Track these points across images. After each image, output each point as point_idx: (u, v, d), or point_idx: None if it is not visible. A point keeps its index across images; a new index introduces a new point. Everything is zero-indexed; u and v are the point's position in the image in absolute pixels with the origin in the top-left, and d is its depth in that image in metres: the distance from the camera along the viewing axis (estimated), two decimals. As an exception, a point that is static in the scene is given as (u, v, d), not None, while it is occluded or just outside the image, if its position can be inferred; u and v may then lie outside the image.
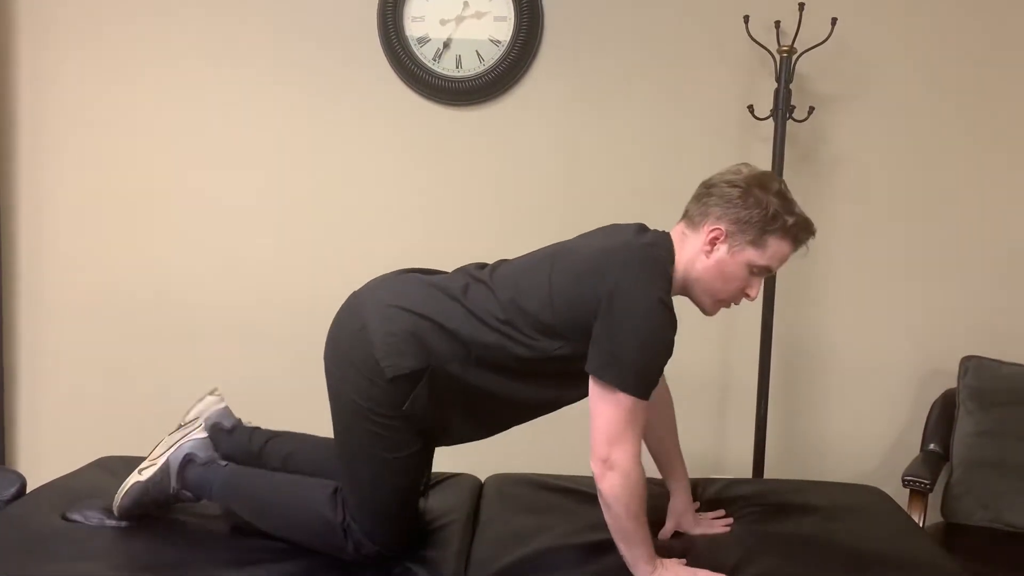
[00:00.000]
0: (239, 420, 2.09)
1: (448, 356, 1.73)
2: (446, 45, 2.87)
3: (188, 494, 1.90)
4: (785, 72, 2.62)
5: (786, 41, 2.63)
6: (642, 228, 1.85)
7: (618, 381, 1.65)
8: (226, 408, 2.09)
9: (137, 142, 2.97)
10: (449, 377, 1.74)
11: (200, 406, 2.08)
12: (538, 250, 1.89)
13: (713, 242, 1.76)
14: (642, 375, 1.67)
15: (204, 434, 1.94)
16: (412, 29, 2.85)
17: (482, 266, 1.89)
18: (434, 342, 1.73)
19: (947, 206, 2.84)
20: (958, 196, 2.84)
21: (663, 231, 1.84)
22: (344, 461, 1.80)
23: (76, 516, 1.91)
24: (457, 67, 2.87)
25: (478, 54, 2.86)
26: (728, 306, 1.81)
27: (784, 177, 2.56)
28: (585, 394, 1.76)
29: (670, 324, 1.69)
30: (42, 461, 3.04)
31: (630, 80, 2.87)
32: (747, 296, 1.79)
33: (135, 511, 1.87)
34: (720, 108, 2.85)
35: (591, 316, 1.69)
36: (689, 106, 2.86)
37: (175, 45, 2.92)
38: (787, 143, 2.67)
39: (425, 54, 2.86)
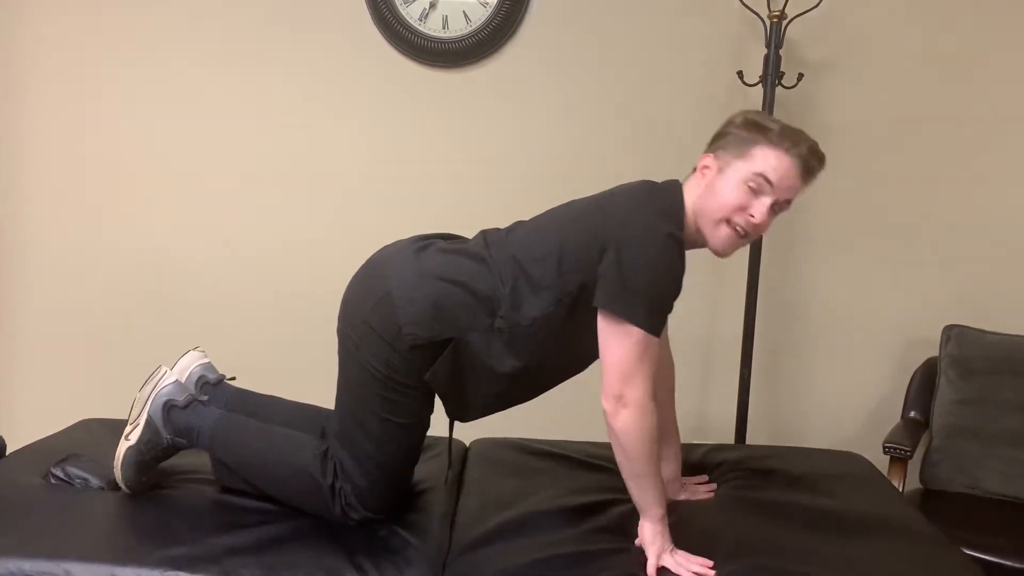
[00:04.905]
0: (222, 376, 2.04)
1: (472, 324, 1.71)
2: (432, 5, 2.82)
3: (183, 440, 1.88)
4: (775, 38, 2.60)
5: (776, 6, 2.61)
6: (648, 182, 1.82)
7: (627, 313, 1.62)
8: (209, 363, 2.04)
9: (119, 102, 2.92)
10: (473, 347, 1.72)
11: (184, 361, 2.02)
12: (551, 209, 1.85)
13: (704, 170, 1.76)
14: (652, 309, 1.64)
15: (174, 377, 1.91)
16: (398, -12, 2.81)
17: (498, 230, 1.86)
18: (458, 309, 1.71)
19: (934, 175, 2.84)
20: (945, 166, 2.84)
21: (674, 179, 1.83)
22: (349, 424, 1.78)
23: (59, 473, 1.89)
24: (444, 28, 2.82)
25: (465, 15, 2.82)
26: (738, 236, 1.72)
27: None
28: None
29: (680, 260, 1.67)
30: (22, 424, 3.03)
31: (619, 43, 2.84)
32: (751, 217, 1.69)
33: (141, 477, 1.85)
34: (709, 73, 2.83)
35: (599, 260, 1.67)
36: (678, 70, 2.84)
37: (158, 8, 2.87)
38: (776, 110, 2.65)
39: (411, 14, 2.82)
